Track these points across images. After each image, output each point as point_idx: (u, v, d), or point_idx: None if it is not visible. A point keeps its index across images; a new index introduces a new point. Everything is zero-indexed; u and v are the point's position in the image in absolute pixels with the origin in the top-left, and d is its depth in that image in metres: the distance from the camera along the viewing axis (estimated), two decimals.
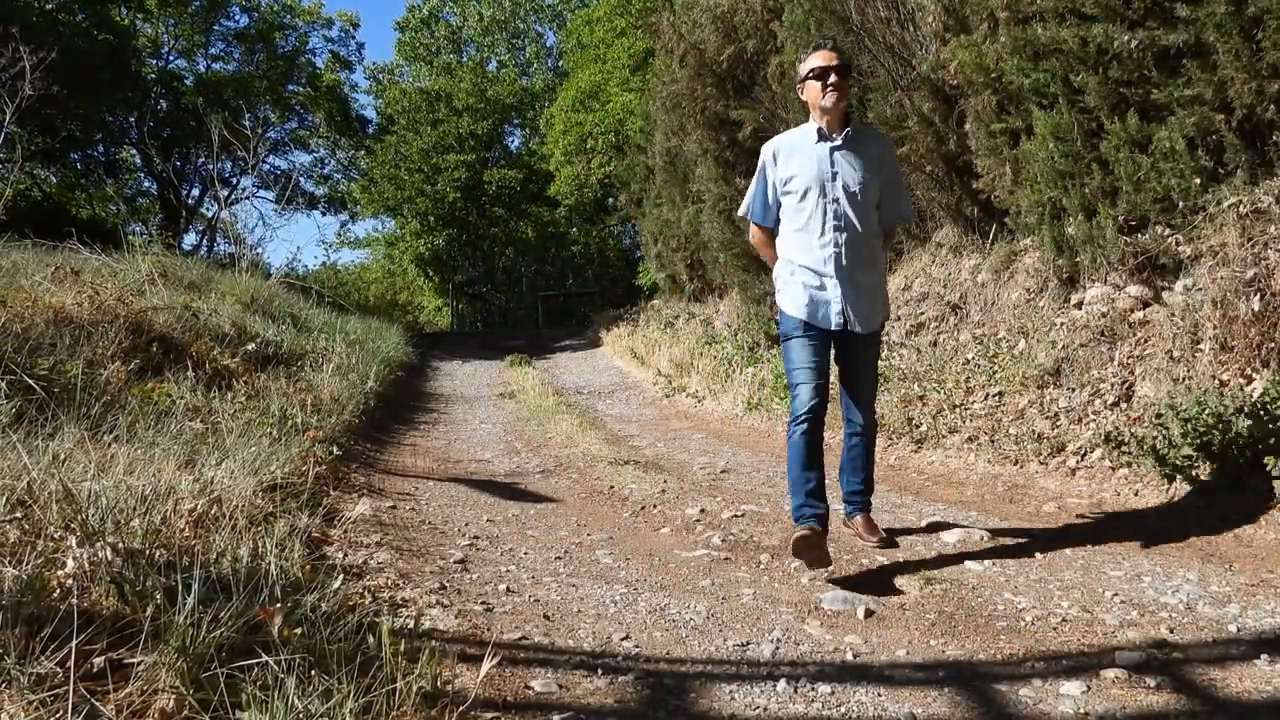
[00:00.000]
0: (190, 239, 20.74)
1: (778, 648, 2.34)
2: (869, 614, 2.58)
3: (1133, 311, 4.61)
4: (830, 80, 3.00)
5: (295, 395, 5.42)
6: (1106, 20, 4.49)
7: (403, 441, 6.32)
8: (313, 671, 1.73)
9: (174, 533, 2.44)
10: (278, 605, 1.96)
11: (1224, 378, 3.93)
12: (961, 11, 5.75)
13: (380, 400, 7.30)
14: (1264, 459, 3.35)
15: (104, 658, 1.70)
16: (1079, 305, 4.97)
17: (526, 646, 2.32)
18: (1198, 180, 4.26)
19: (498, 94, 24.32)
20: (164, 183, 20.41)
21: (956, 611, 2.58)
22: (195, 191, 22.02)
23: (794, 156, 3.10)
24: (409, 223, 24.38)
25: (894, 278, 6.78)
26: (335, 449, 4.53)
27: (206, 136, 13.05)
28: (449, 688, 1.90)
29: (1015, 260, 5.72)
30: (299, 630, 1.89)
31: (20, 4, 14.68)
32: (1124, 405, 4.32)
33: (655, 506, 4.13)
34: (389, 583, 2.73)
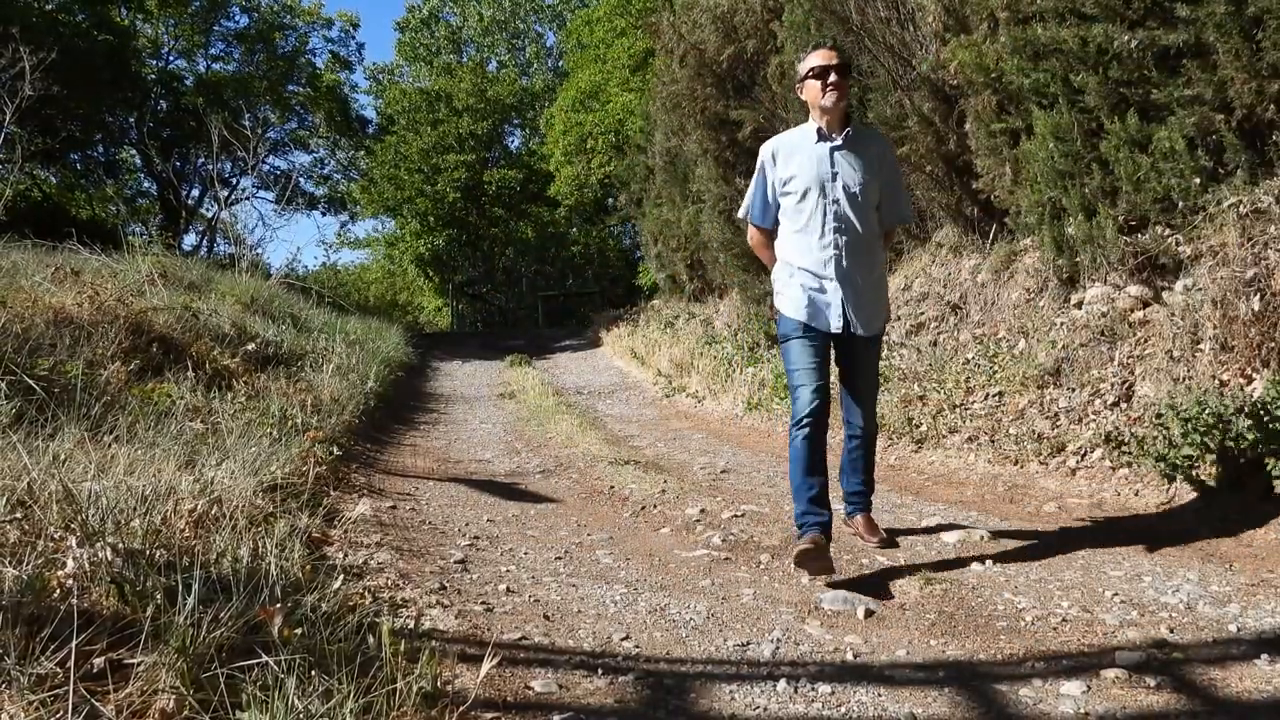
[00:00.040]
0: (190, 239, 20.78)
1: (778, 648, 2.34)
2: (869, 614, 2.58)
3: (1133, 311, 4.61)
4: (830, 79, 2.95)
5: (295, 395, 5.42)
6: (1106, 20, 4.49)
7: (403, 441, 6.32)
8: (313, 672, 1.73)
9: (174, 533, 2.44)
10: (278, 605, 1.96)
11: (1224, 378, 3.93)
12: (961, 11, 5.75)
13: (380, 400, 7.30)
14: (1264, 459, 3.35)
15: (104, 658, 1.70)
16: (1079, 305, 4.97)
17: (526, 646, 2.32)
18: (1198, 180, 4.26)
19: (498, 94, 24.32)
20: (164, 183, 20.41)
21: (956, 611, 2.58)
22: (195, 192, 22.06)
23: (794, 157, 3.06)
24: (409, 223, 24.38)
25: (894, 278, 6.77)
26: (335, 449, 4.53)
27: (206, 137, 13.04)
28: (449, 688, 1.91)
29: (1015, 260, 5.72)
30: (299, 630, 1.90)
31: (20, 4, 14.68)
32: (1124, 405, 4.33)
33: (655, 506, 4.13)
34: (389, 583, 2.73)
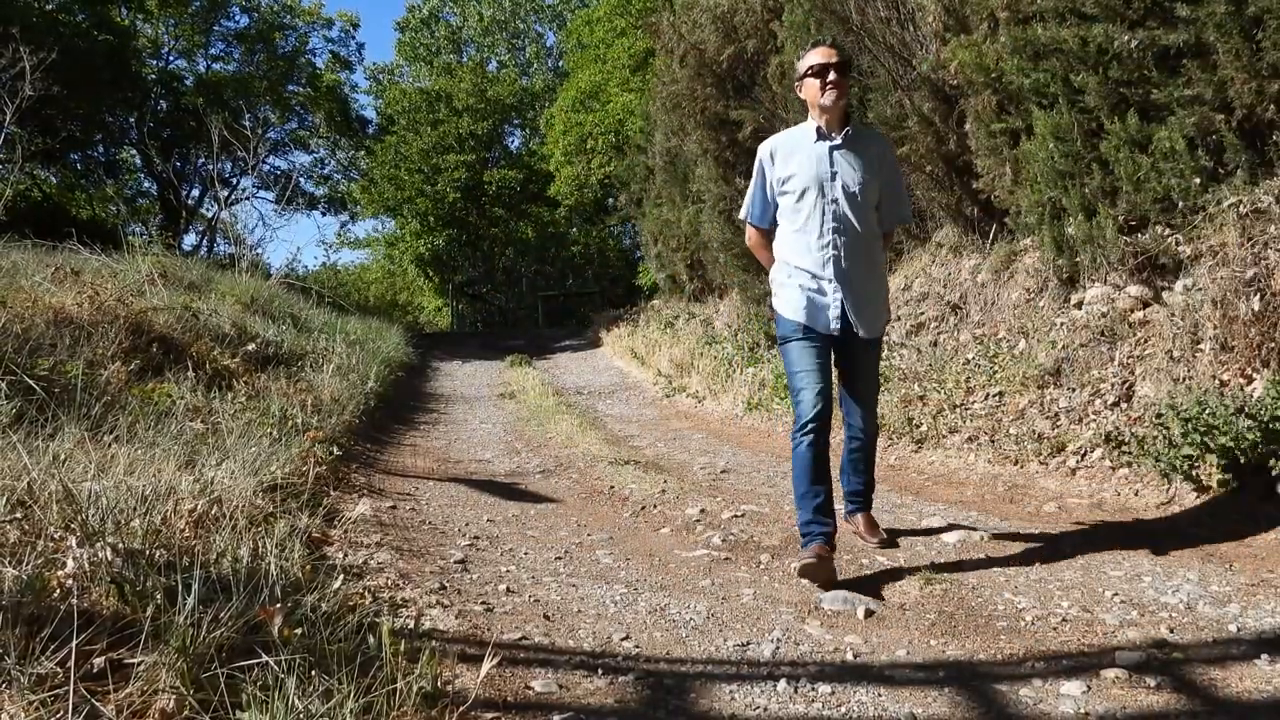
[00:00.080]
0: (190, 239, 20.78)
1: (778, 648, 2.34)
2: (869, 614, 2.58)
3: (1133, 311, 4.61)
4: (830, 78, 2.90)
5: (295, 395, 5.42)
6: (1106, 20, 4.49)
7: (403, 441, 6.32)
8: (313, 672, 1.73)
9: (174, 533, 2.44)
10: (278, 605, 1.96)
11: (1224, 378, 3.93)
12: (961, 11, 5.75)
13: (380, 400, 7.30)
14: (1264, 459, 3.35)
15: (104, 658, 1.70)
16: (1079, 305, 4.97)
17: (527, 646, 2.32)
18: (1198, 180, 4.26)
19: (498, 94, 24.32)
20: (164, 183, 20.41)
21: (956, 611, 2.58)
22: (195, 192, 22.06)
23: (792, 156, 3.01)
24: (409, 223, 24.38)
25: (894, 278, 6.77)
26: (335, 449, 4.53)
27: (206, 137, 13.05)
28: (449, 688, 1.91)
29: (1015, 260, 5.72)
30: (299, 630, 1.90)
31: (20, 4, 14.68)
32: (1124, 405, 4.33)
33: (655, 506, 4.13)
34: (389, 583, 2.73)
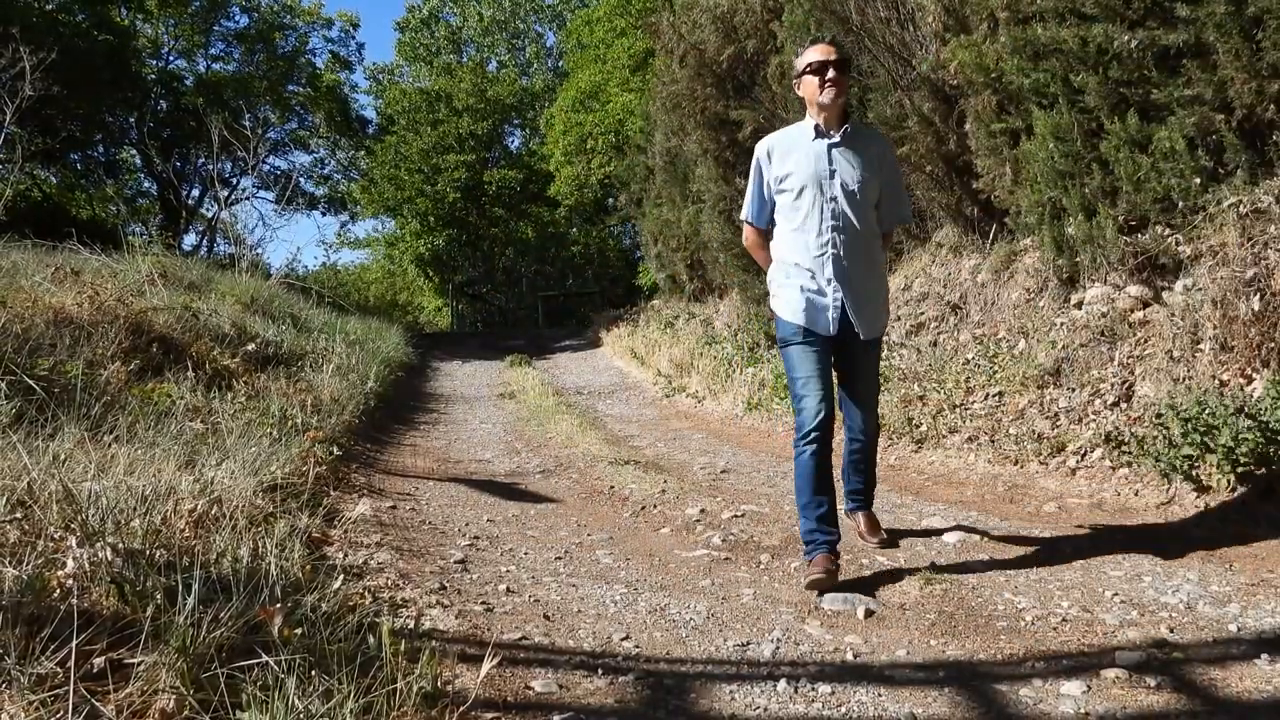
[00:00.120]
0: (190, 239, 20.78)
1: (778, 648, 2.34)
2: (869, 614, 2.58)
3: (1133, 311, 4.61)
4: (828, 75, 2.85)
5: (295, 395, 5.42)
6: (1106, 20, 4.49)
7: (403, 441, 6.32)
8: (313, 672, 1.73)
9: (174, 533, 2.44)
10: (278, 605, 1.96)
11: (1224, 378, 3.93)
12: (961, 11, 5.75)
13: (380, 400, 7.30)
14: (1264, 458, 3.35)
15: (104, 658, 1.70)
16: (1079, 305, 4.97)
17: (527, 646, 2.32)
18: (1198, 180, 4.26)
19: (498, 94, 24.31)
20: (164, 183, 20.41)
21: (956, 611, 2.58)
22: (195, 192, 22.06)
23: (790, 154, 2.96)
24: (409, 223, 24.37)
25: (894, 278, 6.77)
26: (335, 449, 4.53)
27: (206, 137, 13.05)
28: (449, 688, 1.91)
29: (1015, 260, 5.72)
30: (299, 630, 1.90)
31: (20, 4, 14.68)
32: (1124, 405, 4.32)
33: (655, 506, 4.13)
34: (389, 583, 2.73)
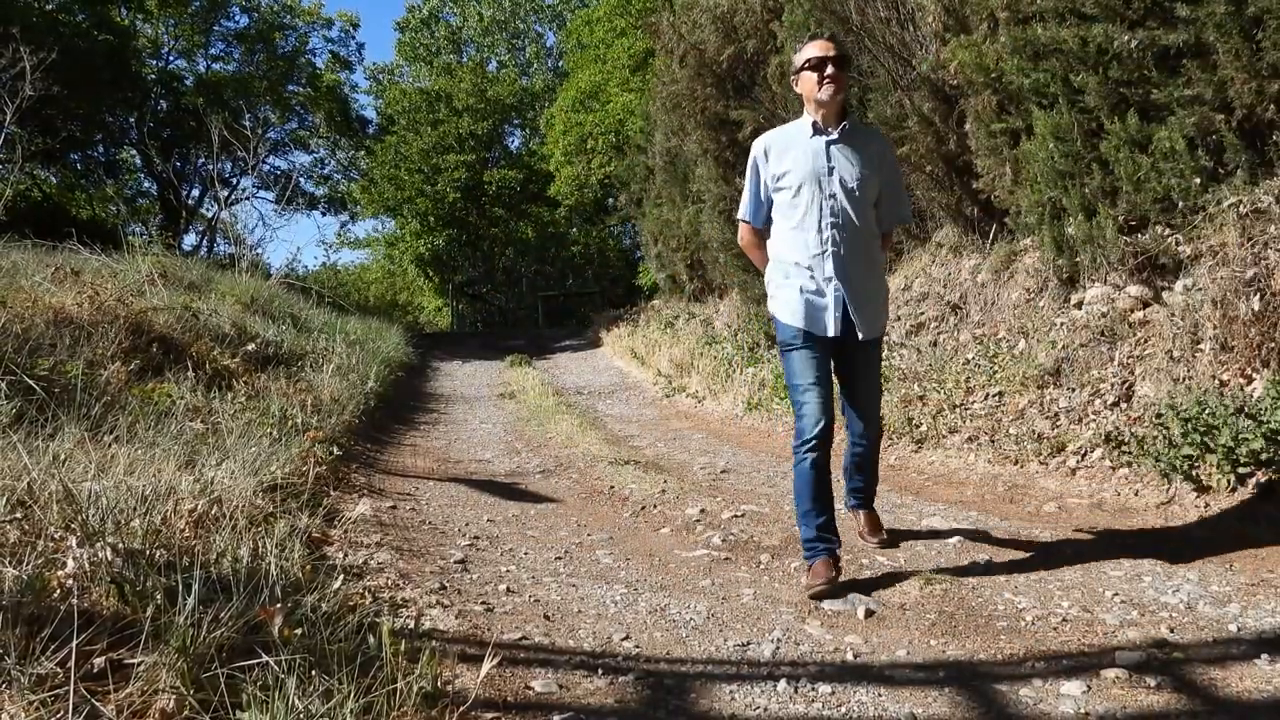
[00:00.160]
0: (190, 239, 20.78)
1: (778, 648, 2.34)
2: (869, 614, 2.58)
3: (1133, 311, 4.61)
4: (827, 71, 2.79)
5: (295, 395, 5.42)
6: (1106, 20, 4.49)
7: (403, 441, 6.32)
8: (313, 672, 1.73)
9: (174, 533, 2.44)
10: (278, 605, 1.96)
11: (1224, 378, 3.93)
12: (961, 11, 5.75)
13: (380, 400, 7.30)
14: (1263, 458, 3.35)
15: (104, 658, 1.70)
16: (1079, 305, 4.97)
17: (527, 646, 2.32)
18: (1198, 180, 4.26)
19: (498, 94, 24.32)
20: (164, 183, 20.41)
21: (957, 611, 2.58)
22: (195, 192, 22.06)
23: (788, 152, 2.91)
24: (409, 223, 24.38)
25: (894, 278, 6.77)
26: (335, 449, 4.53)
27: (206, 137, 13.05)
28: (449, 688, 1.91)
29: (1015, 260, 5.72)
30: (299, 630, 1.90)
31: (20, 4, 14.68)
32: (1124, 405, 4.32)
33: (655, 506, 4.13)
34: (389, 583, 2.73)
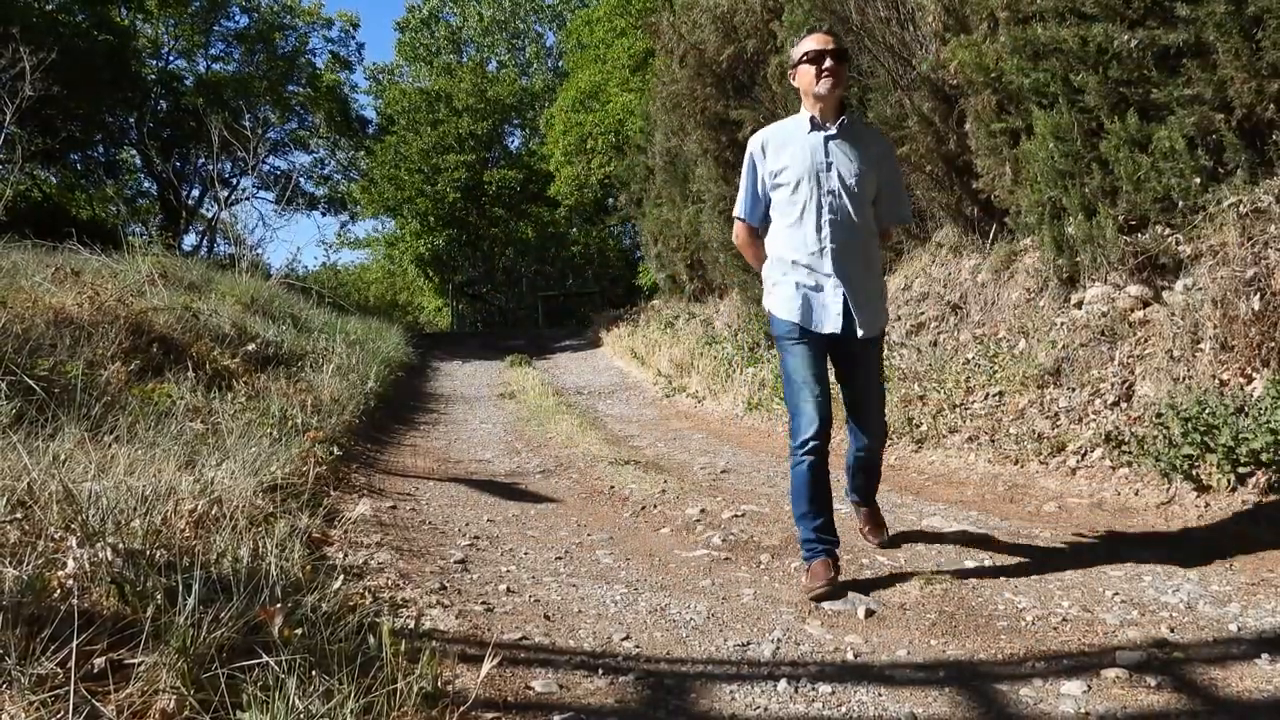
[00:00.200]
0: (190, 240, 20.78)
1: (778, 648, 2.34)
2: (869, 614, 2.58)
3: (1133, 311, 4.61)
4: (825, 65, 2.74)
5: (295, 396, 5.42)
6: (1106, 20, 4.49)
7: (403, 442, 6.32)
8: (313, 672, 1.73)
9: (174, 533, 2.44)
10: (278, 605, 1.96)
11: (1224, 377, 3.93)
12: (961, 11, 5.75)
13: (380, 400, 7.30)
14: (1263, 458, 3.35)
15: (104, 658, 1.70)
16: (1079, 305, 4.97)
17: (527, 647, 2.32)
18: (1198, 180, 4.26)
19: (498, 94, 24.32)
20: (164, 183, 20.41)
21: (957, 611, 2.58)
22: (195, 192, 22.06)
23: (785, 147, 2.86)
24: (409, 223, 24.38)
25: (894, 278, 6.77)
26: (335, 449, 4.53)
27: (206, 137, 13.05)
28: (450, 688, 1.91)
29: (1015, 260, 5.72)
30: (299, 631, 1.90)
31: (20, 4, 14.68)
32: (1124, 405, 4.32)
33: (655, 506, 4.13)
34: (389, 583, 2.73)
